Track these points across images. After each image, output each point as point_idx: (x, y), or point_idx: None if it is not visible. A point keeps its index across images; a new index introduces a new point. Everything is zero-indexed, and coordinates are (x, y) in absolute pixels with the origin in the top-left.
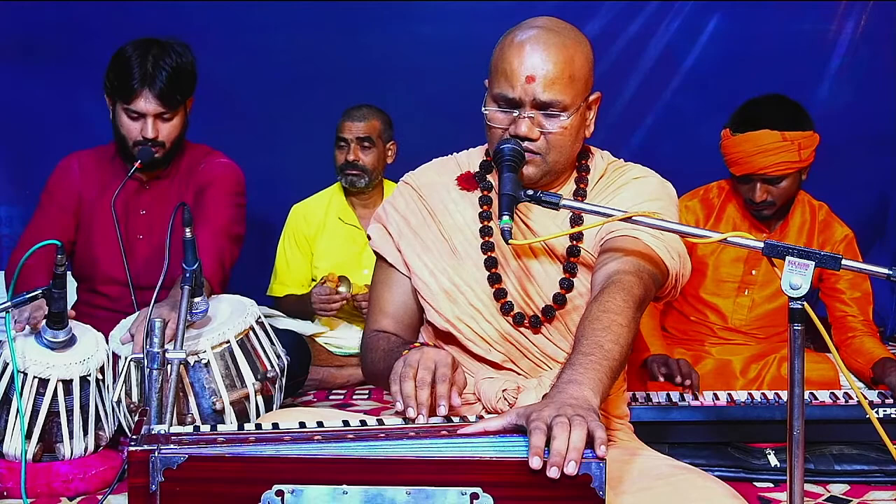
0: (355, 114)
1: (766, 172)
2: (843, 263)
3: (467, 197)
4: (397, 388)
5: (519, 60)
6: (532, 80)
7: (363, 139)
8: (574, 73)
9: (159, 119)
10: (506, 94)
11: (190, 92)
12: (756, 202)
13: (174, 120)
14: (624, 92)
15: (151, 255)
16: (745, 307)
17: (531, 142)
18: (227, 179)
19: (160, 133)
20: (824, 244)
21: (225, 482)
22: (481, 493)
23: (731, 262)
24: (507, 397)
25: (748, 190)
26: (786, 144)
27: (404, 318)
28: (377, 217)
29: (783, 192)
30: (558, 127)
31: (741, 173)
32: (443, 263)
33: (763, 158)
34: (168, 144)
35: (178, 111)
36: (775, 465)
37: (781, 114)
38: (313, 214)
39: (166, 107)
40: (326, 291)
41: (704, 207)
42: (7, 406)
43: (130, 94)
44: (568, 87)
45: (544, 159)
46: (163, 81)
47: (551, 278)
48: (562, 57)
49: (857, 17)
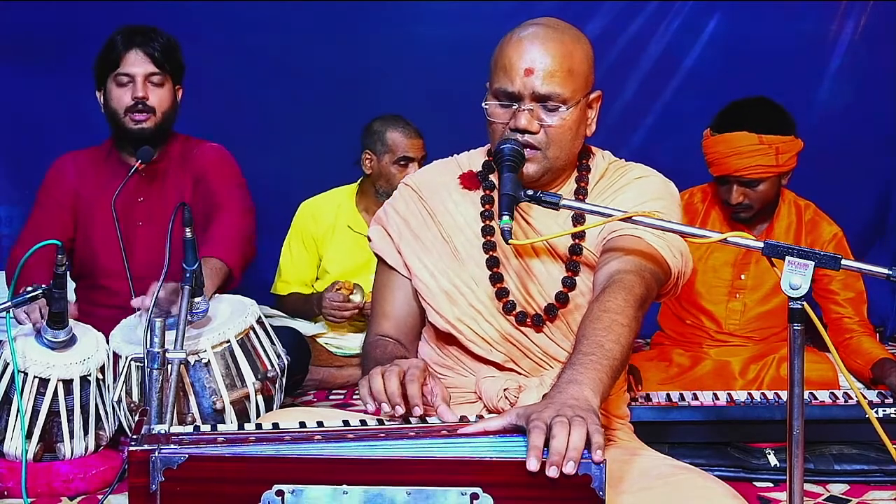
0: (410, 129)
1: (741, 175)
2: (843, 263)
3: (468, 197)
4: (366, 391)
5: (518, 54)
6: (531, 73)
7: (421, 157)
8: (573, 67)
9: (149, 82)
10: (505, 88)
11: (179, 72)
12: (732, 204)
13: (164, 89)
14: (624, 92)
15: (152, 242)
16: (737, 312)
17: (531, 135)
18: (225, 162)
19: (150, 97)
20: (812, 245)
21: (225, 482)
22: (481, 493)
23: (720, 267)
24: (509, 396)
25: (725, 192)
26: (762, 148)
27: (406, 321)
28: (377, 219)
29: (760, 196)
30: (558, 120)
31: (718, 174)
32: (443, 264)
33: (738, 160)
34: (160, 114)
35: (167, 79)
36: (775, 464)
37: (761, 116)
38: (322, 215)
39: (157, 67)
40: (339, 298)
41: (688, 212)
42: (7, 406)
43: (119, 57)
44: (567, 80)
45: (544, 154)
46: (152, 46)
47: (553, 277)
48: (560, 51)
49: (857, 17)
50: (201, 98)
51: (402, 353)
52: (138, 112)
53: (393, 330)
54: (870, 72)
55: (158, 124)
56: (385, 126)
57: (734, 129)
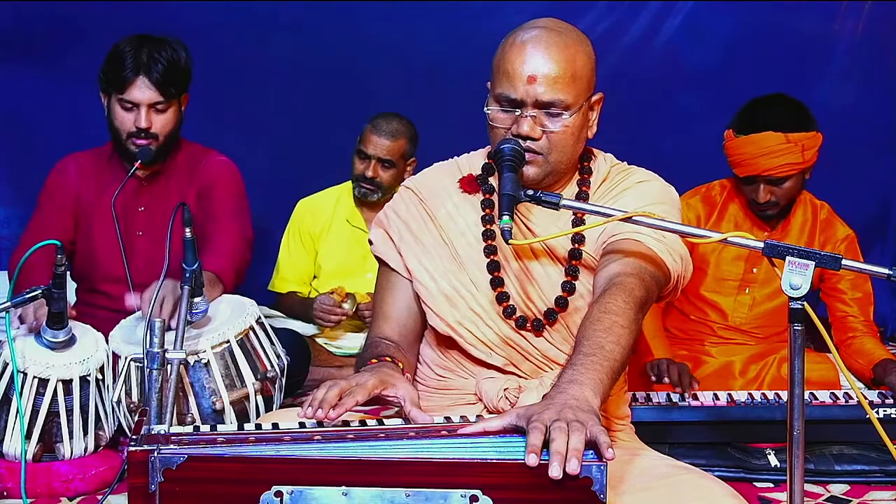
0: (384, 128)
1: (770, 174)
2: (843, 263)
3: (469, 200)
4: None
5: (521, 60)
6: (534, 81)
7: (384, 160)
8: (576, 72)
9: (153, 110)
10: (508, 94)
11: (184, 87)
12: (760, 203)
13: (168, 112)
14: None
15: (151, 252)
16: (745, 305)
17: (533, 141)
18: (232, 180)
19: (154, 124)
20: (825, 243)
21: (224, 482)
22: (481, 495)
23: (732, 261)
24: (509, 396)
25: (752, 191)
26: (789, 146)
27: (407, 323)
28: (378, 222)
29: (787, 193)
30: (560, 126)
31: (745, 175)
32: (443, 267)
33: (767, 161)
34: (162, 138)
35: (172, 103)
36: (775, 465)
37: (785, 115)
38: (320, 212)
39: (161, 95)
40: (330, 302)
41: (706, 205)
42: (7, 406)
43: (125, 82)
44: (570, 87)
45: (546, 159)
46: (158, 71)
47: (553, 281)
48: (563, 56)
49: (857, 16)
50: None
51: (392, 353)
52: (140, 138)
53: (392, 332)
54: (870, 72)
55: (161, 147)
56: (372, 119)
57: (759, 129)
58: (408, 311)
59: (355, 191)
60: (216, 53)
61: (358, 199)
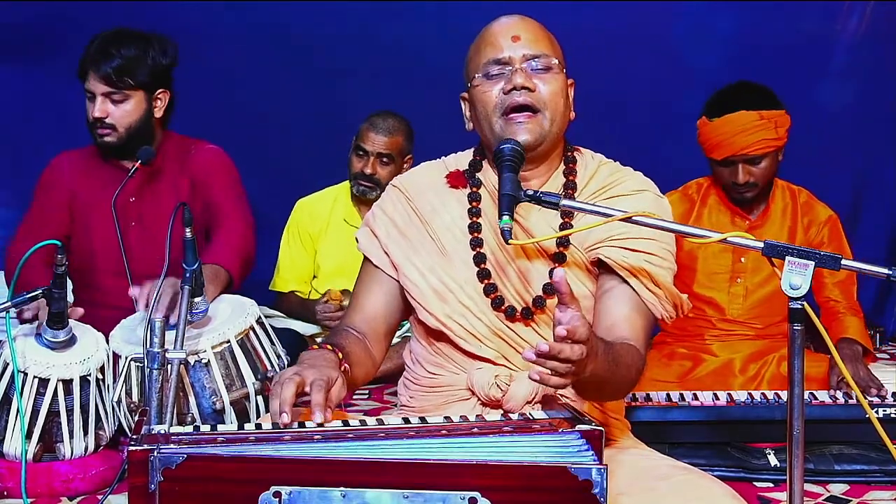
0: (381, 125)
1: (747, 152)
2: (843, 264)
3: (455, 195)
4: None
5: (501, 28)
6: (518, 39)
7: (384, 155)
8: (552, 40)
9: (108, 100)
10: (495, 56)
11: (152, 82)
12: (740, 184)
13: (127, 104)
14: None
15: (144, 241)
16: (739, 296)
17: (528, 93)
18: (226, 168)
19: (109, 114)
20: (810, 225)
21: (223, 482)
22: (479, 497)
23: (718, 253)
24: (500, 384)
25: (730, 173)
26: (763, 123)
27: (377, 318)
28: (366, 221)
29: (764, 173)
30: (551, 79)
31: (723, 156)
32: (431, 262)
33: (744, 138)
34: (122, 130)
35: (129, 95)
36: (775, 465)
37: (755, 95)
38: (318, 212)
39: (112, 87)
40: (332, 308)
41: (684, 203)
42: (7, 406)
43: (84, 73)
44: (551, 46)
45: (543, 116)
46: (109, 65)
47: (540, 270)
48: (539, 26)
49: (858, 16)
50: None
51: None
52: (99, 128)
53: (362, 323)
54: (871, 71)
55: (123, 138)
56: (368, 117)
57: (732, 110)
58: (383, 307)
59: (354, 189)
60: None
61: (356, 197)
